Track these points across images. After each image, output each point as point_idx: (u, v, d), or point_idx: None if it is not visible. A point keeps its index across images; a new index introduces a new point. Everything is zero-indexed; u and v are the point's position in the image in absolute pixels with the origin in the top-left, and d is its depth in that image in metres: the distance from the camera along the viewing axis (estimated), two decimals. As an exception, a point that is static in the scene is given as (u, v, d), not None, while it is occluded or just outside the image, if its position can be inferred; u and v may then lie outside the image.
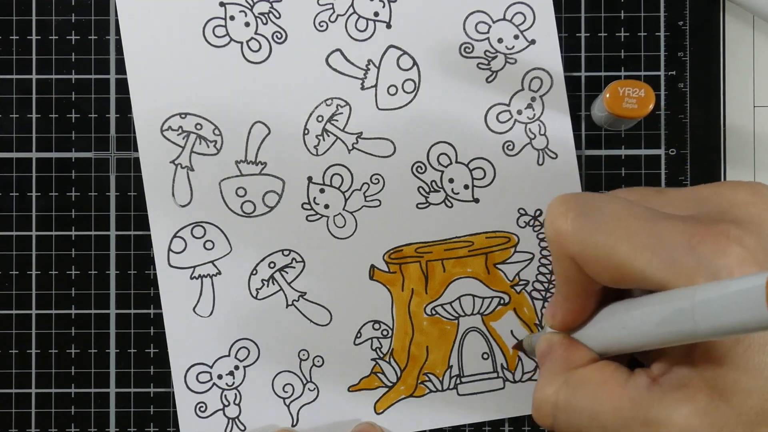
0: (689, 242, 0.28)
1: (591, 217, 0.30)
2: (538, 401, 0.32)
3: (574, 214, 0.30)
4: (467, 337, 0.44)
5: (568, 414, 0.31)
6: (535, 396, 0.33)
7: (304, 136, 0.44)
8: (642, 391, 0.29)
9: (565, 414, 0.31)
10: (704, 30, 0.45)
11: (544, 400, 0.32)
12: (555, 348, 0.33)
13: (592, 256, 0.30)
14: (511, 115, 0.44)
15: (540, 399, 0.32)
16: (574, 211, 0.31)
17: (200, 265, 0.43)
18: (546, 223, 0.31)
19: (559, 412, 0.32)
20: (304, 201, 0.44)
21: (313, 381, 0.43)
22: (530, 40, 0.44)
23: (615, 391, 0.30)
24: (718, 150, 0.44)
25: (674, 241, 0.28)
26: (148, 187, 0.44)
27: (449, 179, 0.44)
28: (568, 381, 0.32)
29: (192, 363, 0.43)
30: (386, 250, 0.44)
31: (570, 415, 0.31)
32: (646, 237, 0.29)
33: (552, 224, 0.31)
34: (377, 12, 0.44)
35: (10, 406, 0.44)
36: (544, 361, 0.34)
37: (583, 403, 0.31)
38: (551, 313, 0.34)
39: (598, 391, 0.31)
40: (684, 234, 0.28)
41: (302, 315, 0.44)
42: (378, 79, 0.44)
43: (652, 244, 0.29)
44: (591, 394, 0.31)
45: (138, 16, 0.44)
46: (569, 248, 0.31)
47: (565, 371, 0.32)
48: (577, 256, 0.30)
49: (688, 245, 0.28)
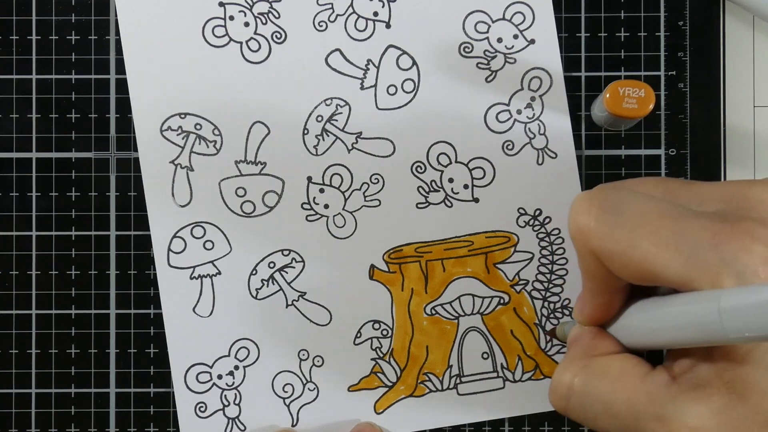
0: (713, 240, 0.28)
1: (614, 213, 0.30)
2: (555, 383, 0.33)
3: (597, 210, 0.30)
4: (467, 337, 0.44)
5: (582, 399, 0.31)
6: (553, 377, 0.33)
7: (304, 136, 0.44)
8: (660, 387, 0.29)
9: (579, 398, 0.31)
10: (704, 30, 0.44)
11: (560, 381, 0.32)
12: (584, 335, 0.34)
13: (614, 252, 0.30)
14: (511, 114, 0.44)
15: (557, 381, 0.33)
16: (597, 207, 0.30)
17: (200, 265, 0.43)
18: (569, 220, 0.31)
19: (573, 396, 0.32)
20: (304, 201, 0.44)
21: (313, 381, 0.43)
22: (530, 39, 0.44)
23: (632, 384, 0.30)
24: (718, 150, 0.44)
25: (698, 238, 0.28)
26: (148, 187, 0.44)
27: (449, 179, 0.44)
28: (588, 367, 0.32)
29: (192, 363, 0.43)
30: (386, 249, 0.44)
31: (584, 400, 0.31)
32: (669, 233, 0.28)
33: (575, 220, 0.31)
34: (377, 12, 0.44)
35: (10, 406, 0.44)
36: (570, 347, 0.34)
37: (598, 390, 0.31)
38: (579, 309, 0.34)
39: (615, 381, 0.31)
40: (708, 231, 0.28)
41: (302, 315, 0.44)
42: (377, 79, 0.44)
43: (674, 241, 0.28)
44: (608, 383, 0.31)
45: (137, 16, 0.44)
46: (592, 244, 0.30)
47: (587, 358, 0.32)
48: (600, 252, 0.30)
49: (711, 243, 0.28)
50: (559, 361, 0.44)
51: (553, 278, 0.44)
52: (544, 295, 0.44)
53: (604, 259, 0.30)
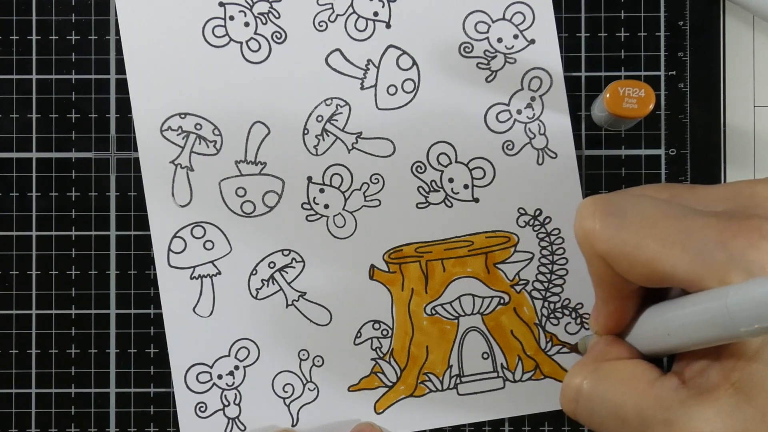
0: (720, 237, 0.28)
1: (618, 215, 0.30)
2: (565, 385, 0.33)
3: (601, 213, 0.30)
4: (467, 337, 0.44)
5: (590, 402, 0.31)
6: (564, 380, 0.33)
7: (304, 136, 0.44)
8: (668, 391, 0.29)
9: (588, 401, 0.31)
10: (704, 30, 0.44)
11: (569, 384, 0.32)
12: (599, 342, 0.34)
13: (621, 254, 0.30)
14: (511, 114, 0.44)
15: (566, 383, 0.33)
16: (602, 211, 0.30)
17: (200, 265, 0.43)
18: (575, 225, 0.31)
19: (581, 399, 0.32)
20: (304, 201, 0.44)
21: (313, 381, 0.43)
22: (530, 39, 0.44)
23: (641, 388, 0.30)
24: (718, 150, 0.44)
25: (705, 236, 0.28)
26: (148, 188, 0.44)
27: (449, 179, 0.44)
28: (597, 370, 0.32)
29: (192, 363, 0.43)
30: (386, 249, 0.44)
31: (592, 403, 0.31)
32: (676, 233, 0.29)
33: (580, 224, 0.31)
34: (377, 12, 0.44)
35: (10, 406, 0.44)
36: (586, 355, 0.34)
37: (607, 394, 0.31)
38: (594, 319, 0.34)
39: (624, 385, 0.31)
40: (715, 229, 0.28)
41: (302, 315, 0.44)
42: (377, 79, 0.44)
43: (681, 240, 0.28)
44: (616, 387, 0.31)
45: (137, 16, 0.44)
46: (598, 247, 0.30)
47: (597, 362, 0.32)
48: (607, 255, 0.30)
49: (719, 240, 0.28)
50: (559, 361, 0.44)
51: (553, 278, 0.44)
52: (544, 295, 0.44)
53: (611, 262, 0.31)
